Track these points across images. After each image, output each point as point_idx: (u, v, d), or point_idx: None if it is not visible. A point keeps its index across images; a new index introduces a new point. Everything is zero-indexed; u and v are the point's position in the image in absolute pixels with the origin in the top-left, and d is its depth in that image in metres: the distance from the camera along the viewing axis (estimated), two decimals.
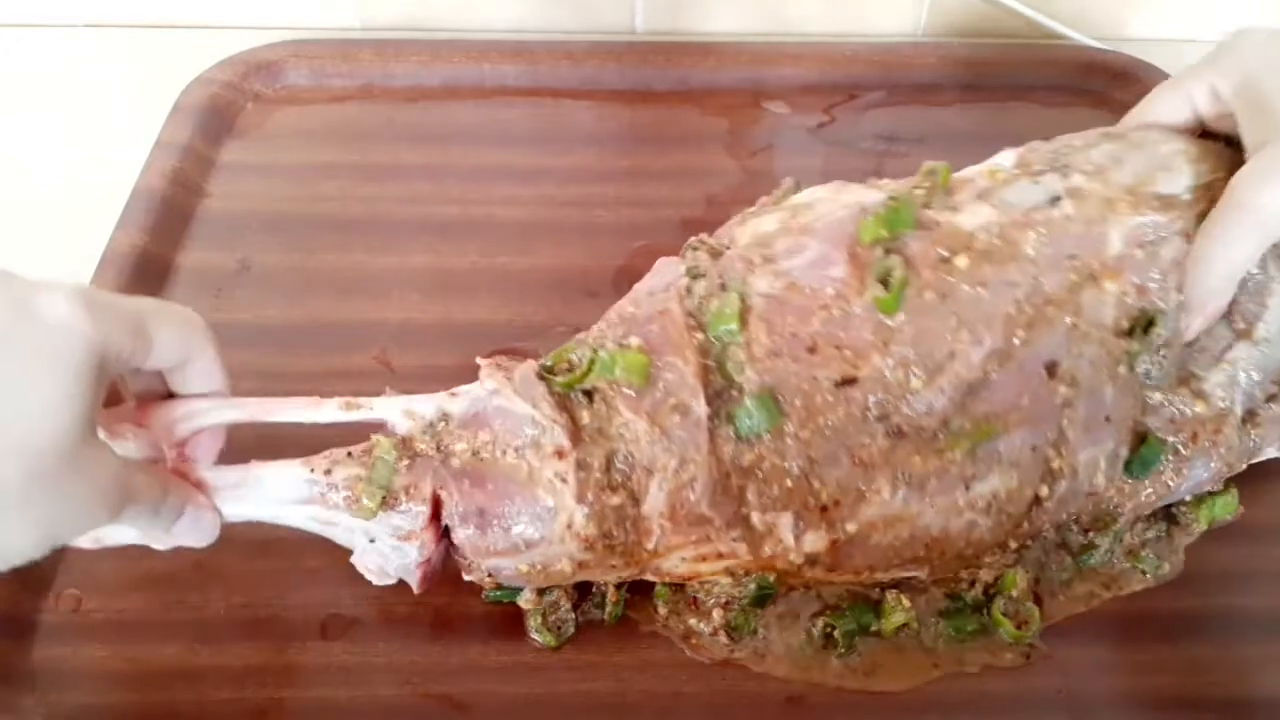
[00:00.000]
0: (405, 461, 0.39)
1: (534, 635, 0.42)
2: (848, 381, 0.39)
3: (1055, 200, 0.42)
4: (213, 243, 0.56)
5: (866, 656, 0.41)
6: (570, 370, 0.40)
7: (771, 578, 0.41)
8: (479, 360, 0.41)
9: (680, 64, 0.67)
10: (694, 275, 0.42)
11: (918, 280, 0.39)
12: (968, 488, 0.39)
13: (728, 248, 0.43)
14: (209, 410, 0.38)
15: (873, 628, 0.42)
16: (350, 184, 0.59)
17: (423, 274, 0.55)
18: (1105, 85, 0.66)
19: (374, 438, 0.39)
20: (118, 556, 0.43)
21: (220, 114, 0.62)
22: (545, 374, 0.40)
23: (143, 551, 0.43)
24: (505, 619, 0.42)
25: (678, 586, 0.42)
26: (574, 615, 0.42)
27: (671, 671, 0.41)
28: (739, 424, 0.39)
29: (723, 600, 0.42)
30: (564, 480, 0.38)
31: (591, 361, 0.39)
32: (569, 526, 0.38)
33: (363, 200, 0.58)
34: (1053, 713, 0.40)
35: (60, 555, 0.43)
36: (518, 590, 0.42)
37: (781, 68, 0.67)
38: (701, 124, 0.64)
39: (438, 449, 0.39)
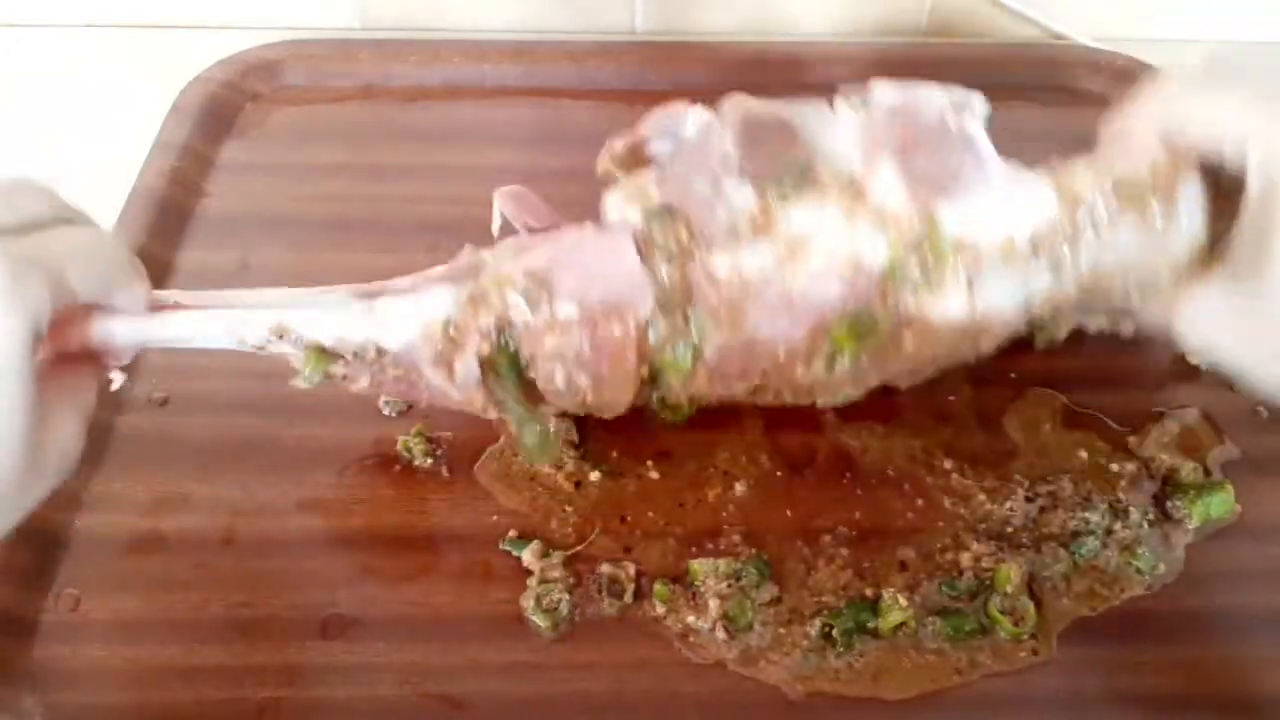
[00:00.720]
0: (340, 363, 0.41)
1: (530, 617, 0.42)
2: (758, 389, 0.43)
3: (1026, 311, 0.41)
4: (212, 242, 0.56)
5: (870, 659, 0.41)
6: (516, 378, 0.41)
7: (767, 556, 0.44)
8: (422, 331, 0.40)
9: (680, 64, 0.67)
10: (660, 301, 0.40)
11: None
12: None
13: (694, 254, 0.40)
14: (131, 330, 0.38)
15: (869, 625, 0.42)
16: (350, 184, 0.59)
17: None
18: (1105, 85, 0.66)
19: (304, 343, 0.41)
20: (117, 556, 0.43)
21: (219, 114, 0.63)
22: (488, 371, 0.40)
23: (143, 551, 0.44)
24: (505, 619, 0.42)
25: (676, 582, 0.43)
26: (570, 597, 0.42)
27: (670, 671, 0.41)
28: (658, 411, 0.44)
29: (721, 589, 0.42)
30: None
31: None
32: None
33: (363, 200, 0.59)
34: (1053, 712, 0.40)
35: (60, 555, 0.44)
36: (526, 542, 0.44)
37: (781, 68, 0.67)
38: None
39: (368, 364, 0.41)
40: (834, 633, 0.42)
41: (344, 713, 0.40)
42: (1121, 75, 0.66)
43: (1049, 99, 0.66)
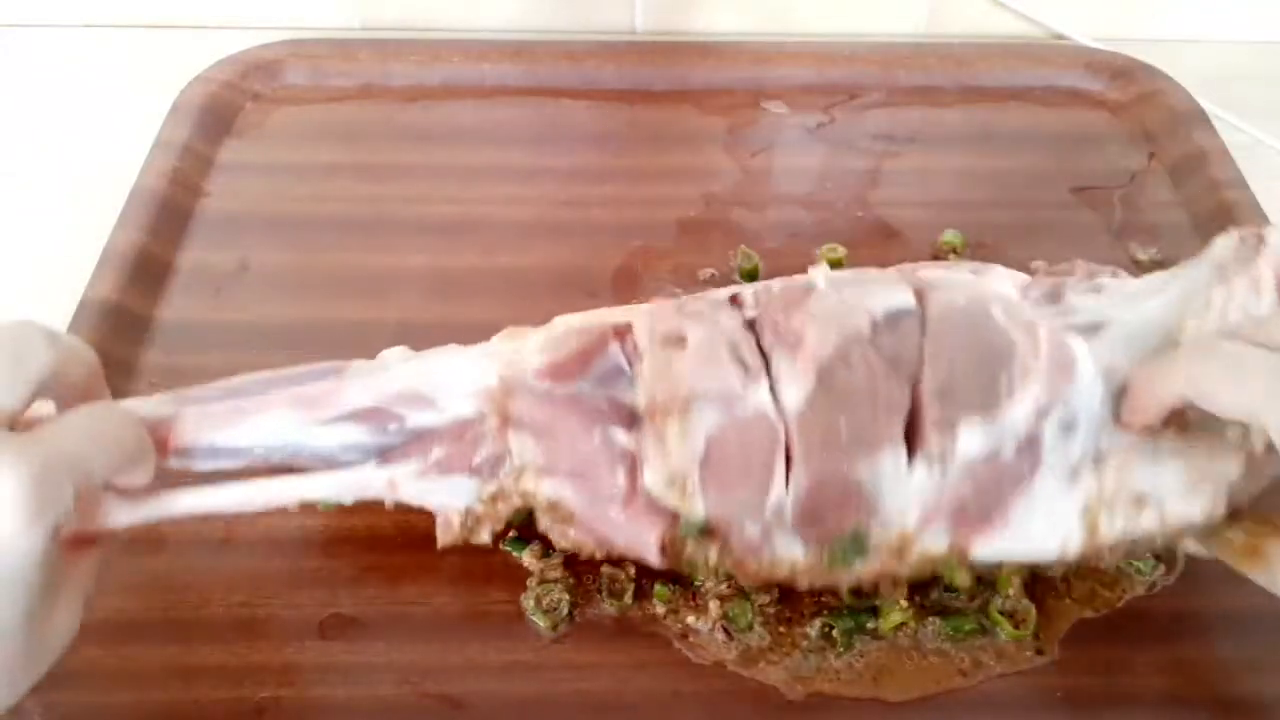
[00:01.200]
0: None
1: (531, 617, 0.42)
2: None
3: None
4: (212, 242, 0.56)
5: (871, 659, 0.41)
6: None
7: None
8: (441, 515, 0.41)
9: (680, 64, 0.67)
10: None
11: None
12: None
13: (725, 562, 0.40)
14: (147, 512, 0.38)
15: (869, 625, 0.42)
16: (350, 184, 0.59)
17: (422, 274, 0.55)
18: (1105, 85, 0.66)
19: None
20: (117, 556, 0.43)
21: (219, 114, 0.63)
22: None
23: (142, 551, 0.44)
24: (505, 619, 0.42)
25: (676, 582, 0.43)
26: (569, 598, 0.42)
27: (670, 671, 0.41)
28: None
29: (721, 589, 0.42)
30: None
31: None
32: None
33: (363, 200, 0.58)
34: (1052, 713, 0.40)
35: None
36: (526, 543, 0.43)
37: (781, 68, 0.67)
38: (701, 124, 0.64)
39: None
40: (834, 633, 0.42)
41: (344, 713, 0.40)
42: (1121, 75, 0.66)
43: (1049, 99, 0.66)
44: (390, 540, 0.44)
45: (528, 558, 0.43)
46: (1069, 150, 0.63)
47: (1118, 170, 0.61)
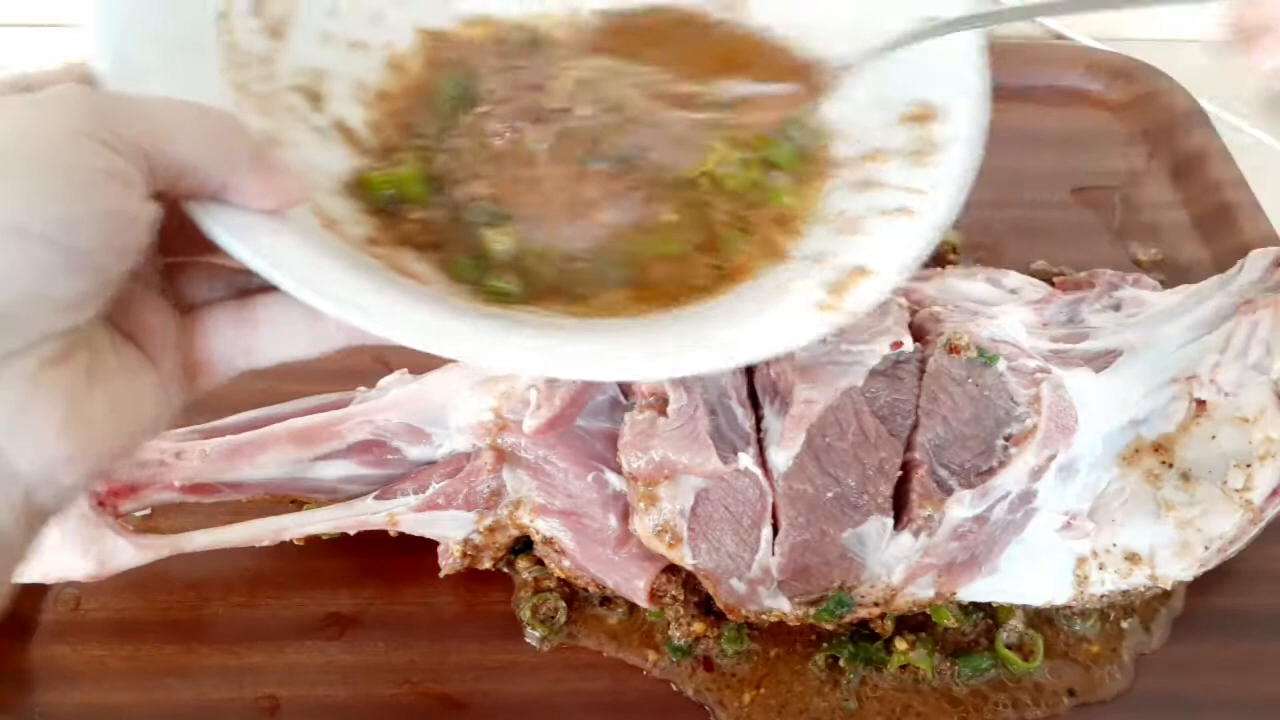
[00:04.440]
0: None
1: (528, 629, 0.42)
2: None
3: None
4: None
5: (883, 693, 0.41)
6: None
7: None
8: (441, 543, 0.42)
9: None
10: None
11: None
12: None
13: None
14: (166, 546, 0.40)
15: (877, 659, 0.41)
16: None
17: None
18: (1105, 85, 0.66)
19: None
20: None
21: None
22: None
23: None
24: (504, 619, 0.42)
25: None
26: (564, 605, 0.42)
27: (669, 672, 0.41)
28: None
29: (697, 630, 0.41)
30: None
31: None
32: None
33: None
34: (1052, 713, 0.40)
35: None
36: (519, 553, 0.43)
37: None
38: None
39: None
40: (841, 663, 0.41)
41: (343, 712, 0.40)
42: (1121, 75, 0.66)
43: (1049, 99, 0.66)
44: (390, 541, 0.44)
45: (523, 563, 0.43)
46: (1069, 150, 0.63)
47: (1118, 170, 0.61)
